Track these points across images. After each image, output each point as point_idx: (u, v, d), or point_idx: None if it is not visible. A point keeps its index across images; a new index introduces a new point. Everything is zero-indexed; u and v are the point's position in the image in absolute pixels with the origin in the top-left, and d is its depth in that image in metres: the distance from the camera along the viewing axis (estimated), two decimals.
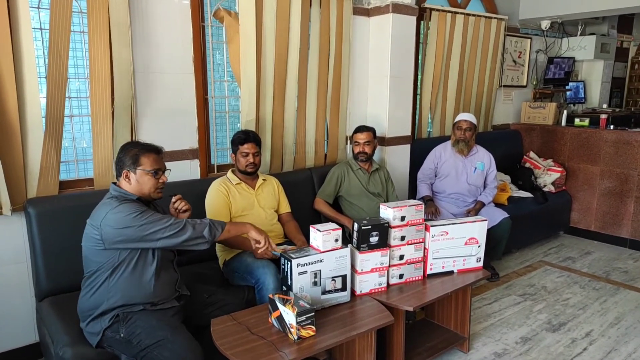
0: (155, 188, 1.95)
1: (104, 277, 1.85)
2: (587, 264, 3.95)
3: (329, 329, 1.92)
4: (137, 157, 1.91)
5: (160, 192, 1.98)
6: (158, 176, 1.94)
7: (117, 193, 1.91)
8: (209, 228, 1.90)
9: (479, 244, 2.53)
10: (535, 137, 4.88)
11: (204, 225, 1.90)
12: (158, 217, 1.84)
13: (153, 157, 1.94)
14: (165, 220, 1.84)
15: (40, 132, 2.31)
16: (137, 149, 1.93)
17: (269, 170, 3.15)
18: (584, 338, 2.77)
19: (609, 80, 6.09)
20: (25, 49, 2.22)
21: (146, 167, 1.91)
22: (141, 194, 1.93)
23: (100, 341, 1.86)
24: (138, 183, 1.91)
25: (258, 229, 2.12)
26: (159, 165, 1.96)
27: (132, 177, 1.91)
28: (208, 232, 1.90)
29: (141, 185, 1.92)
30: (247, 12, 2.83)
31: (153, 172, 1.92)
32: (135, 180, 1.91)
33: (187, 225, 1.86)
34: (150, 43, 2.63)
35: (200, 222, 1.91)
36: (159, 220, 1.83)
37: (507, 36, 4.71)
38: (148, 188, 1.93)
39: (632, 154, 4.13)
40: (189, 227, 1.86)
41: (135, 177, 1.91)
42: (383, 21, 3.49)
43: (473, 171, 3.51)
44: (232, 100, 3.14)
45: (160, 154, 1.99)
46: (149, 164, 1.92)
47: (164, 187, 1.98)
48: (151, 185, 1.93)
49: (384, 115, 3.58)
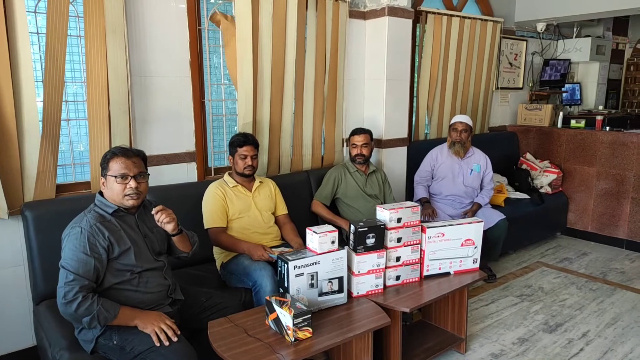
0: (123, 194, 1.82)
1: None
2: (584, 264, 3.96)
3: (325, 331, 1.93)
4: (107, 161, 1.83)
5: (132, 199, 1.83)
6: (126, 181, 1.81)
7: (97, 202, 1.87)
8: (91, 318, 1.70)
9: (475, 245, 2.54)
10: (532, 139, 4.90)
11: (88, 312, 1.69)
12: (73, 268, 1.69)
13: (121, 161, 1.81)
14: (72, 278, 1.69)
15: (37, 136, 2.31)
16: (110, 153, 1.85)
17: (266, 173, 3.15)
18: (580, 339, 2.78)
19: (604, 82, 6.12)
20: (22, 53, 2.23)
21: (112, 172, 1.81)
22: (113, 201, 1.84)
23: (95, 348, 1.84)
24: (108, 189, 1.83)
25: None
26: (128, 169, 1.82)
27: (105, 184, 1.84)
28: (88, 321, 1.70)
29: (111, 192, 1.82)
30: (244, 16, 2.85)
31: (119, 177, 1.80)
32: (107, 187, 1.83)
33: (74, 303, 1.67)
34: (147, 47, 2.64)
35: (88, 306, 1.69)
36: (67, 273, 1.69)
37: (503, 38, 4.73)
38: (116, 194, 1.82)
39: (628, 155, 4.15)
40: (75, 305, 1.67)
41: (107, 183, 1.83)
42: (379, 24, 3.50)
43: (469, 173, 3.52)
44: (229, 103, 3.15)
45: (132, 158, 1.85)
46: (115, 169, 1.81)
47: (135, 192, 1.83)
48: (119, 191, 1.81)
49: (381, 117, 3.59)
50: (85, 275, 1.73)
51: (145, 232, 1.93)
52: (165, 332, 1.76)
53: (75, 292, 1.69)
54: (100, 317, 1.72)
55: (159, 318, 1.81)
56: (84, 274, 1.72)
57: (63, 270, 1.73)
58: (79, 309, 1.69)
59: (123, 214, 1.89)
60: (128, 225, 1.88)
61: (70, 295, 1.68)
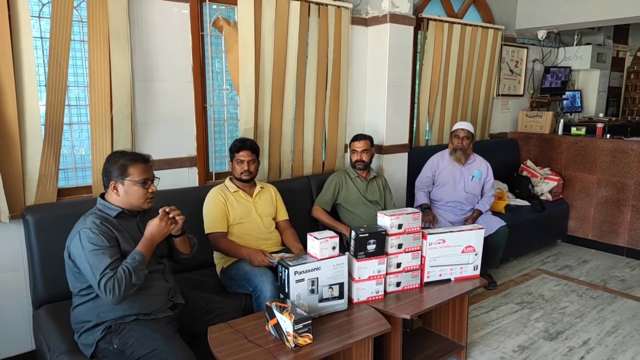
0: (145, 198, 1.89)
1: (91, 296, 1.83)
2: (584, 272, 3.95)
3: (326, 337, 1.92)
4: (124, 167, 1.85)
5: (151, 202, 1.92)
6: (147, 186, 1.88)
7: (100, 206, 1.87)
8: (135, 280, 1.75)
9: (476, 252, 2.53)
10: (532, 146, 4.90)
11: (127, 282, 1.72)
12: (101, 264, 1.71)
13: (141, 167, 1.87)
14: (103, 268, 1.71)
15: (39, 140, 2.32)
16: (124, 158, 1.87)
17: (267, 178, 3.16)
18: (581, 346, 2.77)
19: (605, 90, 6.14)
20: (26, 57, 2.24)
21: (134, 177, 1.85)
22: (130, 205, 1.88)
23: (94, 352, 1.84)
24: (127, 194, 1.86)
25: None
26: (148, 174, 1.89)
27: (120, 189, 1.85)
28: (136, 282, 1.75)
29: (130, 197, 1.86)
30: (246, 22, 2.86)
31: (142, 182, 1.86)
32: (123, 192, 1.85)
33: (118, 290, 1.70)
34: (150, 52, 2.65)
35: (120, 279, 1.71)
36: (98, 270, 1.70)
37: (504, 46, 4.75)
38: (137, 199, 1.87)
39: (629, 163, 4.15)
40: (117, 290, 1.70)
41: (124, 188, 1.85)
42: (381, 31, 3.52)
43: (470, 179, 3.53)
44: (231, 108, 3.16)
45: (149, 162, 1.93)
46: (137, 174, 1.86)
47: (153, 196, 1.92)
48: (140, 196, 1.87)
49: (382, 123, 3.60)
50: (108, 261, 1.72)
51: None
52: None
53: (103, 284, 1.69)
54: (137, 271, 1.74)
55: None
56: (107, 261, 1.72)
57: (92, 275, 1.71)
58: (121, 287, 1.69)
59: (126, 217, 1.90)
60: (131, 228, 1.90)
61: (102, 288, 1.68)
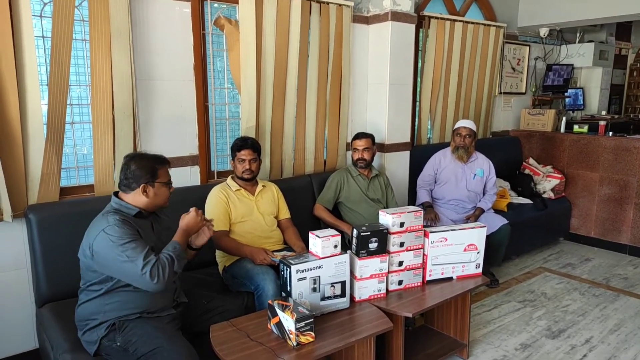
0: (167, 198, 2.00)
1: (99, 292, 1.84)
2: (587, 270, 3.95)
3: (328, 335, 1.92)
4: (154, 170, 1.92)
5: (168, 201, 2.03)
6: (170, 187, 1.99)
7: (118, 206, 1.89)
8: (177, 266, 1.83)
9: (478, 251, 2.53)
10: (535, 144, 4.89)
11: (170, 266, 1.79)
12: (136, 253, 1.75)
13: (166, 169, 1.99)
14: (141, 256, 1.75)
15: (41, 139, 2.32)
16: (152, 161, 1.93)
17: (269, 177, 3.16)
18: (583, 345, 2.77)
19: (607, 87, 6.11)
20: (28, 57, 2.24)
21: (162, 179, 1.95)
22: (154, 206, 1.95)
23: (98, 350, 1.86)
24: (156, 196, 1.93)
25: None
26: (169, 175, 2.00)
27: (150, 191, 1.91)
28: (178, 269, 1.83)
29: (158, 198, 1.94)
30: (248, 20, 2.86)
31: (169, 183, 1.98)
32: (153, 194, 1.92)
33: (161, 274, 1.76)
34: (151, 51, 2.65)
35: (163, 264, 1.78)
36: (137, 260, 1.74)
37: (505, 43, 4.74)
38: (163, 200, 1.97)
39: (631, 161, 4.14)
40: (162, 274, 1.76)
41: (154, 190, 1.92)
42: (382, 29, 3.51)
43: (472, 177, 3.52)
44: (232, 107, 3.16)
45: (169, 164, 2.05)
46: (164, 176, 1.96)
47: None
48: (166, 197, 1.98)
49: (384, 121, 3.60)
50: (145, 249, 1.77)
51: (158, 235, 1.99)
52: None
53: (148, 270, 1.72)
54: (180, 259, 1.83)
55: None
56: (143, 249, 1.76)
57: (132, 264, 1.73)
58: (165, 272, 1.75)
59: (142, 217, 1.93)
60: (146, 227, 1.94)
61: (147, 273, 1.72)
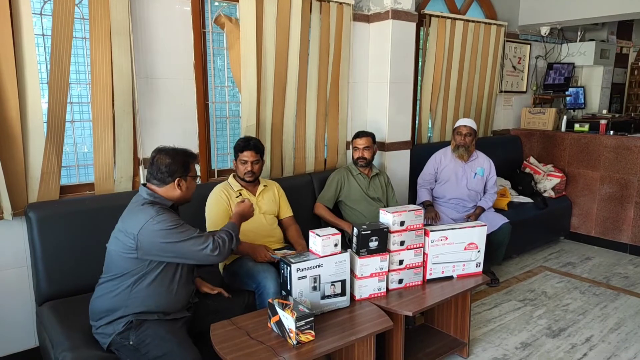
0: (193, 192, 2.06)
1: (127, 284, 1.85)
2: (587, 269, 3.95)
3: (328, 334, 1.92)
4: (187, 164, 1.98)
5: None
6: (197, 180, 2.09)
7: (153, 199, 1.91)
8: (229, 242, 1.96)
9: (478, 249, 2.53)
10: (535, 143, 4.89)
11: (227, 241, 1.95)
12: (192, 232, 1.87)
13: (195, 163, 2.05)
14: (197, 234, 1.88)
15: (41, 137, 2.32)
16: (185, 156, 1.98)
17: (270, 175, 3.16)
18: (584, 343, 2.77)
19: (608, 86, 6.10)
20: (28, 55, 2.24)
21: (193, 173, 2.01)
22: (184, 199, 2.00)
23: (109, 344, 1.87)
24: (187, 189, 1.99)
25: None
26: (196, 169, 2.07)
27: (183, 184, 1.96)
28: (235, 243, 1.99)
29: (189, 191, 2.00)
30: (248, 18, 2.85)
31: (196, 177, 2.06)
32: (186, 187, 1.97)
33: (222, 246, 1.91)
34: (151, 49, 2.65)
35: (223, 240, 1.93)
36: (195, 237, 1.86)
37: (506, 42, 4.73)
38: (192, 193, 2.02)
39: (632, 160, 4.14)
40: (223, 246, 1.91)
41: (186, 184, 1.97)
42: (383, 27, 3.51)
43: (473, 176, 3.52)
44: (233, 105, 3.16)
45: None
46: (194, 170, 2.02)
47: None
48: (194, 190, 2.04)
49: (384, 120, 3.59)
50: (197, 229, 1.89)
51: None
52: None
53: (210, 242, 1.87)
54: (237, 237, 2.01)
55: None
56: (195, 229, 1.89)
57: (193, 240, 1.84)
58: (225, 245, 1.91)
59: (172, 210, 1.97)
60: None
61: (210, 245, 1.86)
